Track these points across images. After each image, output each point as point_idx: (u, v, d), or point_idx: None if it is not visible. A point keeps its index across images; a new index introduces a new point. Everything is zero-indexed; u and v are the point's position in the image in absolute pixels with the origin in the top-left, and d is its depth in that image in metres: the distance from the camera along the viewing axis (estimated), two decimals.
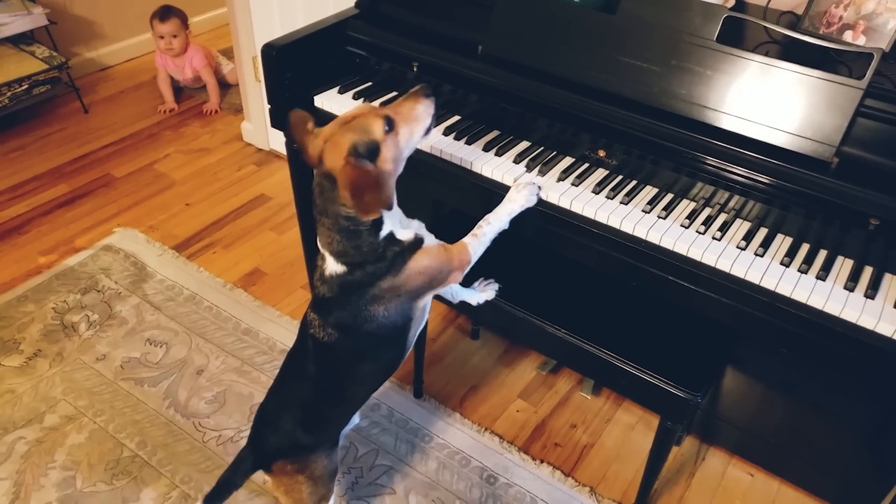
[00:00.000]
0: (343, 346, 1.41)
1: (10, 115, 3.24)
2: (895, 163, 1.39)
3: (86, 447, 1.94)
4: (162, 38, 3.48)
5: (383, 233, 1.34)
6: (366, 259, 1.34)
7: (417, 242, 1.39)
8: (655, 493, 1.91)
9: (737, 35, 1.60)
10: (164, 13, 3.46)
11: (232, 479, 1.52)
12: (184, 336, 2.29)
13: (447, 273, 1.45)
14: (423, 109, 1.36)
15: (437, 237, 1.47)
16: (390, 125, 1.30)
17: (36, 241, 2.68)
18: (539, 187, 1.56)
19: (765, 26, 1.52)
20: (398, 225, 1.38)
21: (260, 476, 1.86)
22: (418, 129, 1.36)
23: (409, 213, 1.44)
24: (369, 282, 1.35)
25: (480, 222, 1.52)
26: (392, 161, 1.31)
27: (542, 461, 1.97)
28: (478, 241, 1.50)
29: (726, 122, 1.49)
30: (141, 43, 4.03)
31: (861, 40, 1.54)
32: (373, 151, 1.28)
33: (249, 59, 2.97)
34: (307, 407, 1.49)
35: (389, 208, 1.32)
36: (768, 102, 1.45)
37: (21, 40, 3.29)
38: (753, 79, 1.46)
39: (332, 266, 1.36)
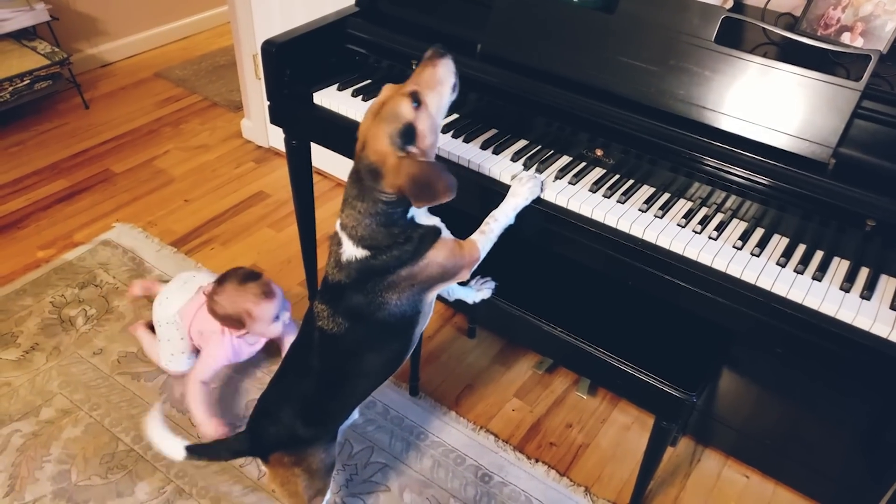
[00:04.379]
0: (351, 337, 1.42)
1: (10, 109, 3.24)
2: (892, 164, 1.39)
3: (81, 441, 1.94)
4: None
5: (409, 215, 1.36)
6: (393, 241, 1.35)
7: (437, 230, 1.41)
8: (650, 493, 1.91)
9: (735, 36, 1.60)
10: None
11: (218, 450, 1.56)
12: None
13: (458, 269, 1.46)
14: (444, 70, 1.35)
15: None
16: (417, 100, 1.30)
17: (35, 236, 2.69)
18: (542, 180, 1.56)
19: (763, 27, 1.52)
20: (421, 209, 1.39)
21: (255, 471, 1.86)
22: (445, 92, 1.36)
23: None
24: (390, 267, 1.36)
25: (487, 219, 1.53)
26: (430, 133, 1.33)
27: (537, 460, 1.97)
28: (486, 238, 1.50)
29: (724, 123, 1.49)
30: (143, 40, 4.04)
31: (859, 42, 1.54)
32: (409, 134, 1.29)
33: (250, 57, 2.97)
34: (308, 400, 1.49)
35: None
36: (766, 103, 1.45)
37: (23, 36, 3.29)
38: (751, 80, 1.46)
39: (352, 251, 1.36)
